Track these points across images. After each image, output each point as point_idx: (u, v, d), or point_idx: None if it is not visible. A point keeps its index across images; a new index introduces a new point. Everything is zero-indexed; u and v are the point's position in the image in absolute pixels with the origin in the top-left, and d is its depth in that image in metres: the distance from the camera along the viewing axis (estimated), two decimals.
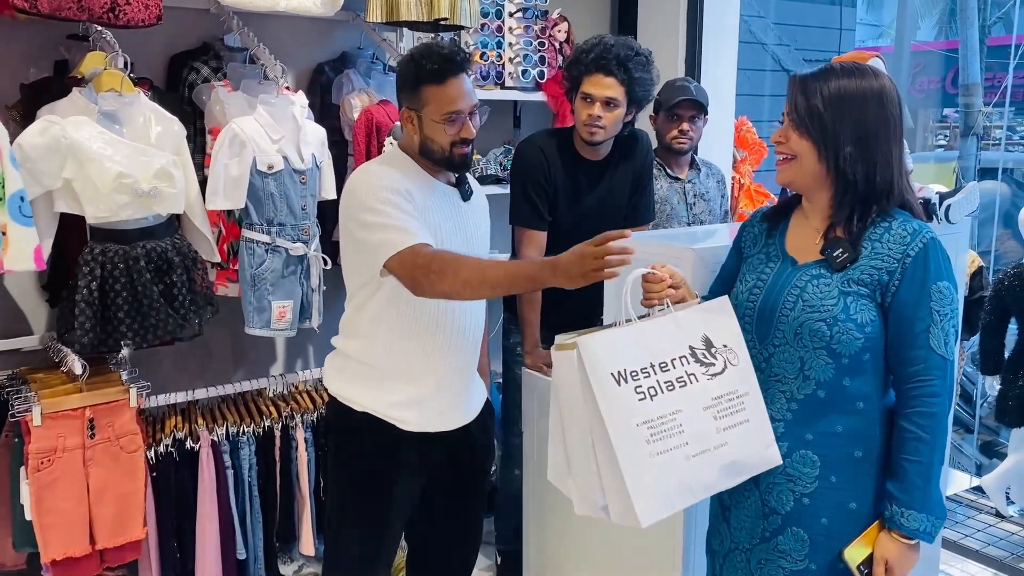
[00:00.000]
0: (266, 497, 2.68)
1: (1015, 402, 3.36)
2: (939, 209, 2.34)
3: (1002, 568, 3.19)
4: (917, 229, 1.59)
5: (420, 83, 1.93)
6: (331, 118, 2.89)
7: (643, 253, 2.10)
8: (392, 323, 1.99)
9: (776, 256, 1.71)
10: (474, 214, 2.10)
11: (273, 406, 2.73)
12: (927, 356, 1.56)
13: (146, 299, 2.29)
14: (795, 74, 1.67)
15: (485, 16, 3.27)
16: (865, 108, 1.58)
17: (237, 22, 2.63)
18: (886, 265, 1.57)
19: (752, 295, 1.69)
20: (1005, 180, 7.45)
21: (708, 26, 3.62)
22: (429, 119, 1.93)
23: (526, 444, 2.61)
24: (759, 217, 1.81)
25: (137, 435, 2.38)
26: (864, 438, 1.63)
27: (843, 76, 1.60)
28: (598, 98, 2.47)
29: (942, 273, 1.58)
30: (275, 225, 2.52)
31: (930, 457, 1.56)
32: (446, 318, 2.01)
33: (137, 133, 2.31)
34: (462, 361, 2.08)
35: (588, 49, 2.49)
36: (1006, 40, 8.60)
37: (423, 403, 2.03)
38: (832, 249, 1.61)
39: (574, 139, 2.62)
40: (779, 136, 1.66)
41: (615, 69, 2.45)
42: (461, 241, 2.02)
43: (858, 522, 1.63)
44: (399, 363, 2.01)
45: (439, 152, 1.96)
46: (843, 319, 1.57)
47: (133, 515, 2.37)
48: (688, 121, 2.88)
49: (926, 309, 1.56)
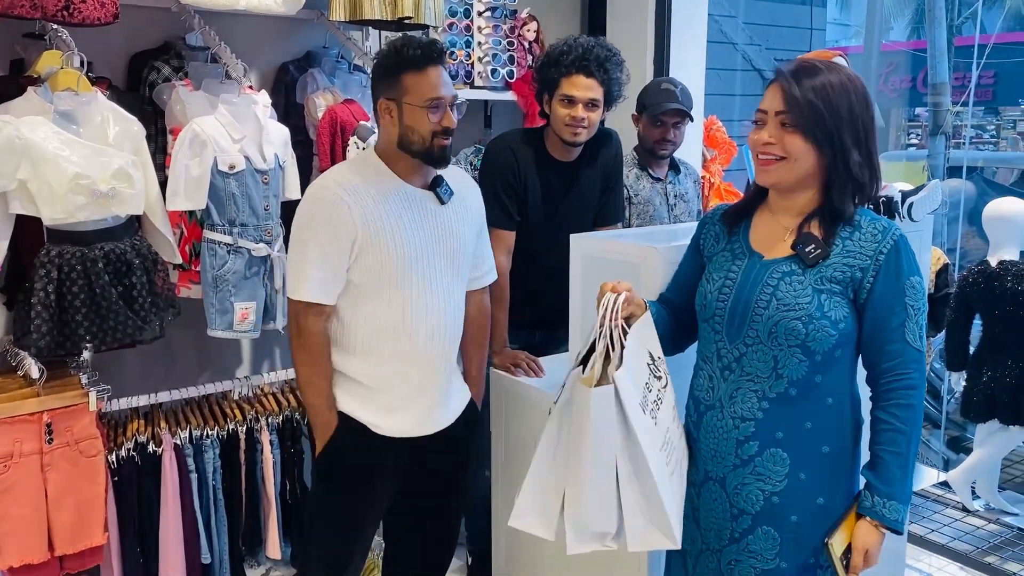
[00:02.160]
0: (231, 501, 2.65)
1: (980, 397, 3.41)
2: (902, 207, 2.36)
3: (967, 562, 3.23)
4: (887, 227, 1.61)
5: (401, 70, 1.92)
6: (295, 117, 2.87)
7: (612, 253, 2.12)
8: (357, 331, 1.99)
9: (742, 253, 1.70)
10: (454, 218, 2.07)
11: (238, 409, 2.70)
12: (903, 350, 1.58)
13: (104, 301, 2.26)
14: (782, 71, 1.63)
15: (453, 15, 3.25)
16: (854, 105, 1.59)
17: (199, 21, 2.60)
18: (859, 262, 1.58)
19: (722, 294, 1.67)
20: (975, 178, 7.55)
21: (676, 25, 3.63)
22: (410, 106, 1.92)
23: (494, 444, 2.60)
24: (719, 216, 1.80)
25: (97, 439, 2.35)
26: (832, 434, 1.64)
27: (828, 73, 1.59)
28: (580, 99, 2.46)
29: (913, 268, 1.61)
30: (237, 226, 2.50)
31: (907, 448, 1.58)
32: (413, 325, 2.00)
33: (94, 133, 2.27)
34: (435, 367, 2.06)
35: (566, 50, 2.47)
36: (974, 40, 8.70)
37: (396, 410, 2.02)
38: (804, 245, 1.61)
39: (545, 139, 2.62)
40: (770, 137, 1.61)
41: (595, 70, 2.45)
42: (434, 246, 2.01)
43: (827, 518, 1.64)
44: (369, 371, 2.01)
45: (419, 143, 1.94)
46: (818, 316, 1.57)
47: (93, 520, 2.33)
48: (672, 127, 2.88)
49: (901, 304, 1.58)
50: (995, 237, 3.43)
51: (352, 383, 2.02)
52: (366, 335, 1.99)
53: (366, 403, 2.01)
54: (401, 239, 1.95)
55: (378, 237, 1.93)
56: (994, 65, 10.22)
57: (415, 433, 2.05)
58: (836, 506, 1.65)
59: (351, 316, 1.99)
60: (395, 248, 1.95)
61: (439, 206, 2.04)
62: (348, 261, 1.94)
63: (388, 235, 1.94)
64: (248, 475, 2.66)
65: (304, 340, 1.97)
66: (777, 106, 1.60)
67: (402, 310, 1.98)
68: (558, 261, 2.34)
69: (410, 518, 2.18)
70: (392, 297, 1.98)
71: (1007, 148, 11.66)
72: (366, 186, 1.95)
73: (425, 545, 2.23)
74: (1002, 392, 3.35)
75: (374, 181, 1.98)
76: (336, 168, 2.08)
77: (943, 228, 4.75)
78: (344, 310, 1.99)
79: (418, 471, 2.09)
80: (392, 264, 1.95)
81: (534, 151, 2.59)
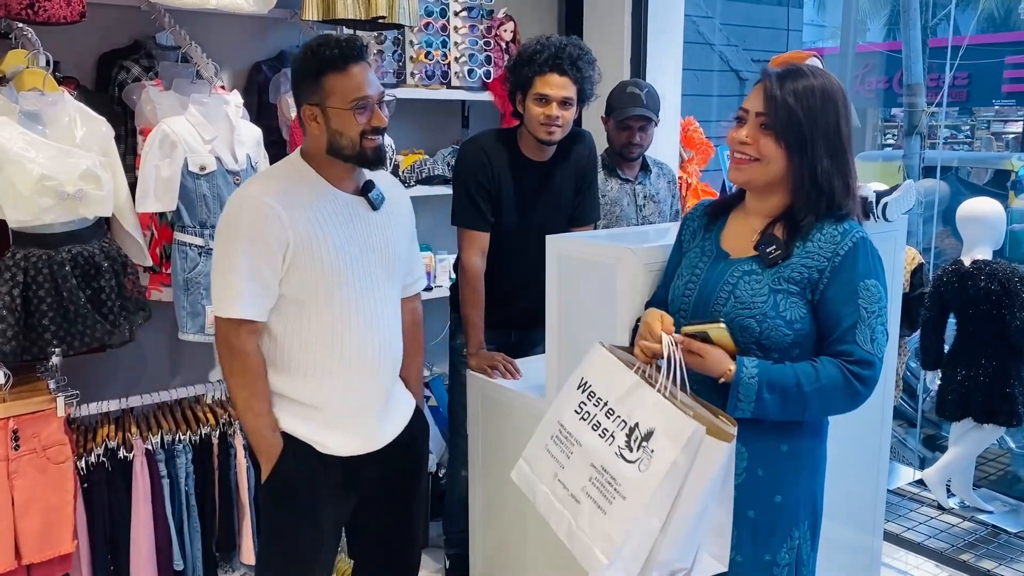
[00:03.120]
0: (204, 506, 2.62)
1: (954, 396, 3.43)
2: (876, 207, 2.37)
3: (943, 560, 3.25)
4: (848, 229, 1.61)
5: (322, 73, 1.81)
6: (269, 118, 2.85)
7: (587, 255, 2.11)
8: (291, 348, 1.90)
9: (710, 251, 1.72)
10: (386, 224, 1.98)
11: (211, 413, 2.67)
12: (852, 351, 1.57)
13: (72, 305, 2.22)
14: (768, 73, 1.63)
15: (430, 15, 3.24)
16: (831, 112, 1.59)
17: (169, 20, 2.56)
18: (816, 264, 1.59)
19: (687, 289, 1.71)
20: (949, 178, 7.63)
21: (653, 26, 3.64)
22: (335, 109, 1.81)
23: (471, 446, 2.58)
24: (701, 211, 1.82)
25: (65, 445, 2.31)
26: (791, 433, 1.65)
27: (812, 77, 1.60)
28: (555, 98, 2.45)
29: (870, 271, 1.60)
30: (208, 228, 2.46)
31: (800, 386, 1.54)
32: (352, 337, 1.91)
33: (61, 134, 2.24)
34: (378, 379, 1.99)
35: (539, 49, 2.47)
36: (954, 41, 8.78)
37: (341, 428, 1.95)
38: (765, 245, 1.63)
39: (518, 140, 2.61)
40: (746, 136, 1.62)
41: (568, 69, 2.45)
42: (369, 254, 1.92)
43: (785, 516, 1.66)
44: (307, 390, 1.92)
45: (349, 147, 1.84)
46: (772, 316, 1.58)
47: (62, 528, 2.30)
48: (639, 131, 2.89)
49: (853, 306, 1.58)
50: (968, 237, 3.46)
51: (290, 402, 1.93)
52: (301, 352, 1.90)
53: (309, 421, 1.92)
54: (335, 247, 1.86)
55: (311, 246, 1.83)
56: (968, 66, 10.33)
57: (362, 450, 1.97)
58: (793, 504, 1.66)
59: (283, 332, 1.89)
60: (330, 257, 1.85)
61: (371, 212, 1.94)
62: (280, 273, 1.84)
63: (322, 244, 1.84)
64: (221, 480, 2.63)
65: (238, 362, 1.86)
66: (758, 107, 1.61)
67: (339, 322, 1.89)
68: (533, 262, 2.32)
69: (372, 531, 2.12)
70: (328, 309, 1.88)
71: (981, 148, 11.80)
72: (295, 193, 1.85)
73: (391, 554, 2.17)
74: (976, 390, 3.37)
75: (303, 188, 1.87)
76: (260, 175, 2.00)
77: (918, 228, 4.79)
78: (275, 326, 1.89)
79: (372, 485, 2.02)
80: (327, 274, 1.86)
81: (507, 152, 2.58)
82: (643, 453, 1.51)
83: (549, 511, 1.64)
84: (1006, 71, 11.85)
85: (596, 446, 1.57)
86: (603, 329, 2.02)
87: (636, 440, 1.53)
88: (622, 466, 1.53)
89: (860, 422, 2.07)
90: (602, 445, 1.57)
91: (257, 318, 1.85)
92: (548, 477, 1.65)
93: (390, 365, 2.02)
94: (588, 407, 1.61)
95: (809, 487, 1.68)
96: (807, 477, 1.67)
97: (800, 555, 1.70)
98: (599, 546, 1.51)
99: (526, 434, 2.32)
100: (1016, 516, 3.57)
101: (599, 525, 1.52)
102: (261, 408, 1.89)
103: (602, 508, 1.53)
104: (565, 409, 1.66)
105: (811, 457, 1.69)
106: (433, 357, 3.22)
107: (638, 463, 1.51)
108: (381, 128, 1.86)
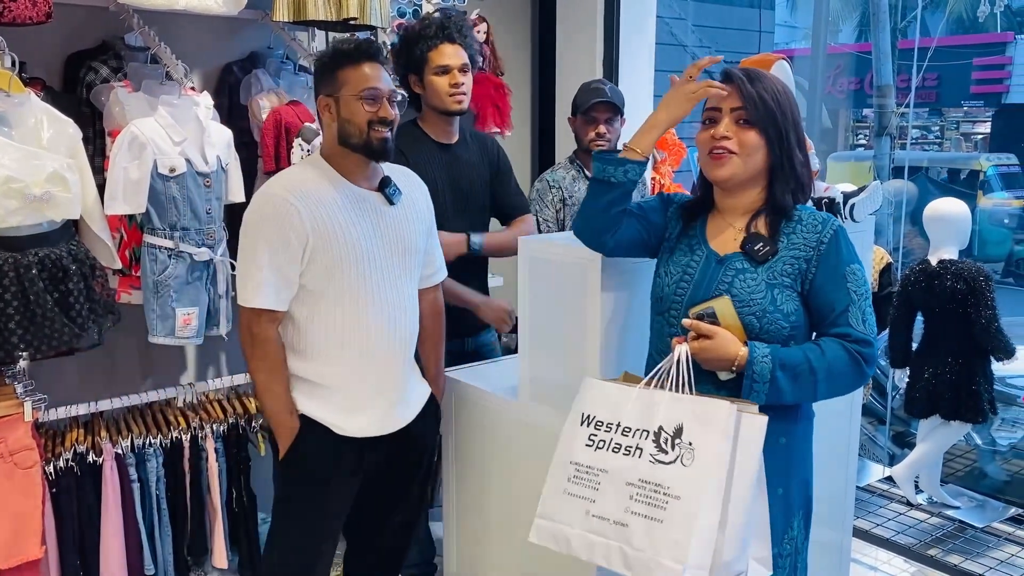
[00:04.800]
0: (176, 510, 2.60)
1: (922, 394, 3.48)
2: (844, 208, 2.40)
3: (911, 555, 3.30)
4: (825, 219, 1.69)
5: (337, 67, 1.98)
6: (240, 119, 2.82)
7: (559, 256, 2.12)
8: (312, 334, 2.01)
9: (700, 249, 1.75)
10: (404, 218, 2.09)
11: (182, 416, 2.65)
12: (848, 333, 1.62)
13: (39, 308, 2.19)
14: (734, 73, 1.70)
15: (402, 16, 3.22)
16: (792, 107, 1.69)
17: (138, 20, 2.53)
18: (803, 254, 1.65)
19: (679, 288, 1.72)
20: (919, 178, 7.74)
21: (625, 28, 3.66)
22: (347, 97, 1.96)
23: (444, 447, 2.58)
24: (677, 209, 1.84)
25: (33, 450, 2.28)
26: (788, 425, 1.68)
27: (769, 78, 1.69)
28: (455, 66, 2.52)
29: (853, 257, 1.67)
30: (179, 230, 2.45)
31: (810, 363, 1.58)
32: (368, 327, 2.02)
33: (27, 135, 2.20)
34: (392, 367, 2.09)
35: (425, 26, 2.53)
36: (922, 43, 8.90)
37: (357, 410, 2.05)
38: (752, 244, 1.67)
39: (421, 124, 2.61)
40: (725, 131, 1.66)
41: (457, 37, 2.53)
42: (385, 247, 2.03)
43: (786, 507, 1.69)
44: (326, 373, 2.03)
45: (357, 134, 1.96)
46: (771, 311, 1.62)
47: (30, 534, 2.26)
48: (605, 123, 2.91)
49: (843, 290, 1.64)
50: (935, 237, 3.51)
51: (310, 385, 2.04)
52: (321, 338, 2.01)
53: (326, 404, 2.04)
54: (352, 241, 1.97)
55: (329, 241, 1.95)
56: (937, 67, 10.48)
57: (377, 432, 2.07)
58: (794, 496, 1.70)
59: (305, 320, 2.01)
60: (346, 251, 1.96)
61: (388, 207, 2.06)
62: (300, 267, 1.96)
63: (339, 238, 1.96)
64: (193, 484, 2.61)
65: (259, 348, 1.98)
66: (733, 103, 1.67)
67: (356, 312, 2.00)
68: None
69: (372, 513, 2.22)
70: (345, 300, 1.99)
71: (951, 149, 11.96)
72: (314, 190, 1.97)
73: (384, 536, 2.27)
74: (943, 388, 3.42)
75: (322, 184, 1.99)
76: (283, 173, 2.08)
77: (887, 227, 4.85)
78: (297, 314, 2.01)
79: (381, 468, 2.12)
80: (344, 267, 1.97)
81: (415, 140, 2.57)
82: (680, 449, 1.52)
83: (592, 551, 1.58)
84: (974, 72, 12.03)
85: (626, 465, 1.56)
86: (575, 330, 2.03)
87: (667, 440, 1.54)
88: (663, 469, 1.52)
89: (829, 420, 2.10)
90: (631, 462, 1.56)
91: (277, 308, 1.97)
92: (579, 518, 1.59)
93: (402, 354, 2.12)
94: (600, 435, 1.61)
95: (803, 477, 1.74)
96: (802, 467, 1.72)
97: (797, 544, 1.75)
98: (667, 555, 1.48)
99: (499, 435, 2.35)
100: (982, 511, 3.64)
101: (659, 535, 1.49)
102: (279, 391, 2.01)
103: (656, 518, 1.51)
104: (574, 449, 1.64)
105: (804, 446, 1.75)
106: None
107: (679, 460, 1.51)
108: (389, 120, 1.97)
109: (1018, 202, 9.47)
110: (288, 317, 2.02)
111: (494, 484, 2.40)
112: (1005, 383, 4.52)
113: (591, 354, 2.00)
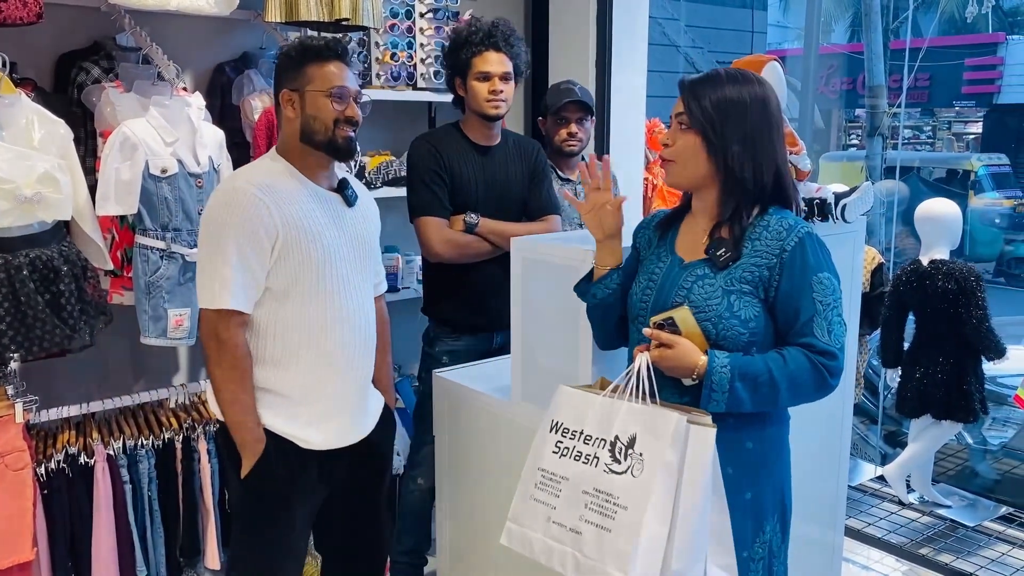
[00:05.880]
0: (167, 511, 2.59)
1: (913, 393, 3.50)
2: (835, 209, 2.41)
3: (903, 554, 3.31)
4: (792, 225, 1.65)
5: (305, 62, 1.93)
6: (232, 119, 2.82)
7: (552, 256, 2.12)
8: (274, 339, 1.94)
9: (666, 256, 1.76)
10: (362, 220, 2.07)
11: (174, 417, 2.64)
12: (811, 343, 1.60)
13: (30, 310, 2.19)
14: (683, 80, 1.72)
15: (395, 16, 3.22)
16: (747, 112, 1.64)
17: (129, 21, 2.53)
18: (766, 261, 1.63)
19: (644, 295, 1.74)
20: (911, 178, 7.77)
21: (618, 27, 3.66)
22: (312, 93, 1.91)
23: (438, 448, 2.58)
24: (654, 224, 1.85)
25: (24, 452, 2.27)
26: (755, 429, 1.68)
27: (728, 83, 1.66)
28: (496, 73, 2.56)
29: (821, 265, 1.63)
30: (170, 231, 2.44)
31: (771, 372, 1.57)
32: (332, 330, 1.97)
33: (18, 136, 2.20)
34: (355, 372, 2.05)
35: (473, 32, 2.57)
36: (914, 43, 8.94)
37: (321, 422, 1.99)
38: (715, 248, 1.66)
39: (463, 127, 2.66)
40: (666, 138, 1.70)
41: (503, 45, 2.57)
42: (348, 249, 2.00)
43: (755, 512, 1.68)
44: (289, 382, 1.96)
45: (322, 131, 1.92)
46: (727, 317, 1.61)
47: (21, 536, 2.26)
48: (576, 123, 2.93)
49: (808, 300, 1.61)
50: (926, 237, 3.53)
51: (272, 396, 1.96)
52: (283, 343, 1.94)
53: (291, 418, 1.96)
54: (321, 241, 1.92)
55: (299, 239, 1.89)
56: (929, 68, 10.52)
57: (340, 444, 2.03)
58: (763, 499, 1.70)
59: (266, 324, 1.93)
60: (315, 250, 1.91)
61: (347, 209, 2.03)
62: (268, 264, 1.88)
63: (308, 237, 1.91)
64: (185, 485, 2.61)
65: (227, 355, 1.88)
66: (678, 108, 1.68)
67: (322, 314, 1.95)
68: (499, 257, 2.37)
69: (340, 527, 2.17)
70: (310, 302, 1.94)
71: (942, 149, 12.02)
72: (279, 186, 1.91)
73: (358, 549, 2.23)
74: (934, 388, 3.44)
75: (287, 180, 1.94)
76: (244, 168, 2.04)
77: (880, 227, 4.87)
78: (258, 318, 1.92)
79: (343, 480, 2.08)
80: (312, 267, 1.92)
81: (453, 140, 2.63)
82: (632, 460, 1.53)
83: (550, 556, 1.61)
84: (966, 73, 12.09)
85: (583, 472, 1.59)
86: (567, 331, 2.03)
87: (620, 451, 1.56)
88: (614, 479, 1.55)
89: (821, 419, 2.11)
90: (589, 470, 1.58)
91: (246, 310, 1.89)
92: (541, 524, 1.63)
93: (367, 358, 2.08)
94: (565, 443, 1.64)
95: (777, 480, 1.72)
96: (774, 471, 1.71)
97: (772, 548, 1.74)
98: (611, 564, 1.50)
99: (493, 435, 2.35)
100: (973, 510, 3.66)
101: (607, 544, 1.52)
102: (249, 401, 1.91)
103: (606, 527, 1.53)
104: (542, 455, 1.67)
105: (776, 450, 1.73)
106: (400, 359, 3.21)
107: (629, 470, 1.53)
108: (355, 121, 1.94)
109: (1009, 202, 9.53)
110: (248, 322, 1.93)
111: (486, 484, 2.41)
112: (996, 383, 4.54)
113: (583, 355, 2.00)
